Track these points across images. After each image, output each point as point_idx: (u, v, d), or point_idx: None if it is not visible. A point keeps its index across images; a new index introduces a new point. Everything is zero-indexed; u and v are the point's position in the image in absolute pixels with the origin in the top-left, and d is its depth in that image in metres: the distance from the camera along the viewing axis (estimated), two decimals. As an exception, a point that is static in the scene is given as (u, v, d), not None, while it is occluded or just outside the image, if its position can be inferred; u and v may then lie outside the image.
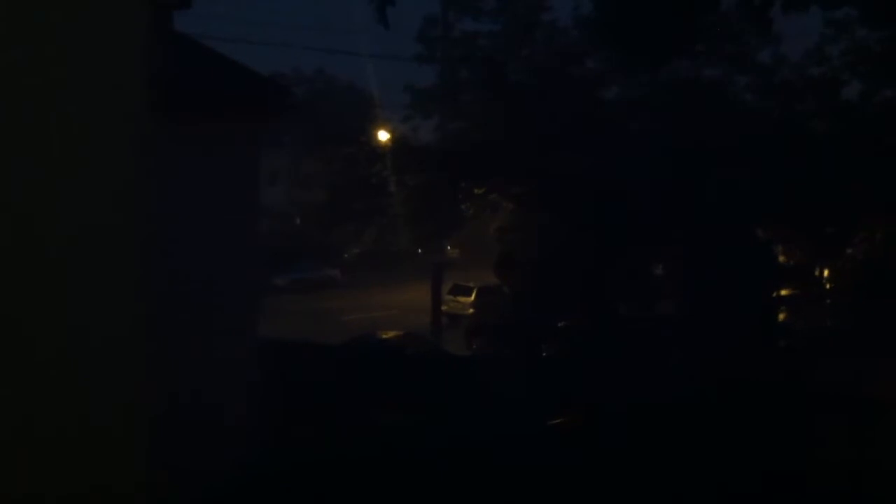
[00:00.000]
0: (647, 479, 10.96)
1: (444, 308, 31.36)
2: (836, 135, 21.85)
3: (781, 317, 24.03)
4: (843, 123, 22.35)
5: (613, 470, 11.18)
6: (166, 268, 8.39)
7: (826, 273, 26.26)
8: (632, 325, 21.06)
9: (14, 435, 3.01)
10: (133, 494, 3.46)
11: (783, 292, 24.36)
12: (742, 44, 23.95)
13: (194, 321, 8.66)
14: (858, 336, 19.48)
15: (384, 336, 22.69)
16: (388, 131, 31.13)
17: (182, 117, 8.95)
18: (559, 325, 21.95)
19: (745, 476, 11.23)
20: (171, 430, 8.06)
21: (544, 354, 21.12)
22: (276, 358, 13.04)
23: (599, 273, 20.17)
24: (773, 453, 11.90)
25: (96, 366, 3.24)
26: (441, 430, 13.51)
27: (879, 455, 11.98)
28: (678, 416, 12.88)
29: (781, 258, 25.09)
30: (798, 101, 23.99)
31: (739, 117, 22.35)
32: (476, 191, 26.73)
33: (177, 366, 8.22)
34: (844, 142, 21.48)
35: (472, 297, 32.91)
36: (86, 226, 3.16)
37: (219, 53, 10.50)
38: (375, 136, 31.13)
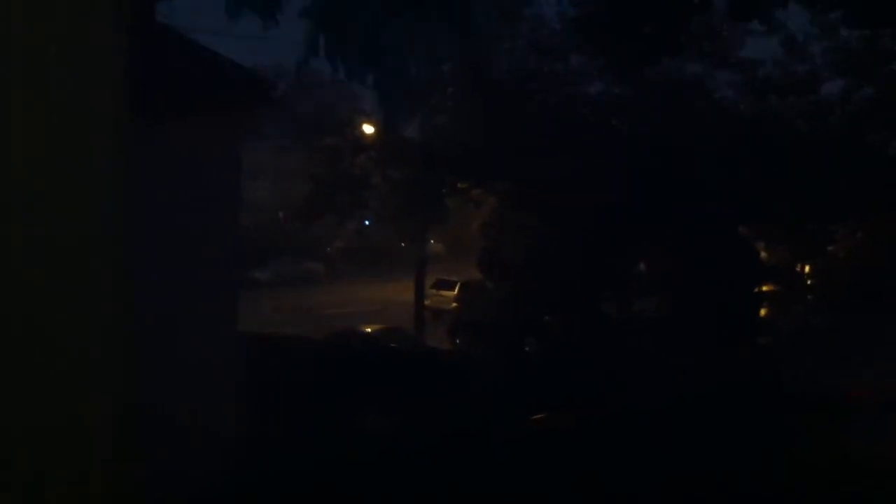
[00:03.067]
0: (626, 476, 10.97)
1: (427, 303, 31.27)
2: (818, 133, 21.94)
3: (763, 313, 24.15)
4: (825, 122, 22.45)
5: (594, 468, 11.18)
6: (145, 266, 8.30)
7: (807, 270, 26.40)
8: (613, 323, 21.09)
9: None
10: (112, 497, 3.41)
11: (765, 289, 24.47)
12: (723, 41, 23.97)
13: (175, 319, 8.57)
14: (838, 334, 19.60)
15: (367, 330, 22.62)
16: (373, 124, 30.94)
17: (162, 110, 8.84)
18: (542, 322, 21.94)
19: (722, 475, 11.26)
20: (152, 433, 7.98)
21: (526, 350, 21.12)
22: (255, 354, 12.93)
23: (581, 271, 20.17)
24: (751, 453, 11.94)
25: (72, 366, 3.19)
26: (422, 426, 13.48)
27: (854, 453, 12.05)
28: (658, 415, 12.89)
29: (763, 255, 25.20)
30: (780, 99, 24.06)
31: (721, 115, 22.39)
32: (460, 185, 26.65)
33: (156, 366, 8.13)
34: (825, 140, 21.58)
35: (455, 292, 32.85)
36: (61, 225, 3.11)
37: (201, 45, 10.37)
38: (359, 128, 30.95)
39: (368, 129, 30.82)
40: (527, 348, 21.25)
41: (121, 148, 3.33)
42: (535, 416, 13.21)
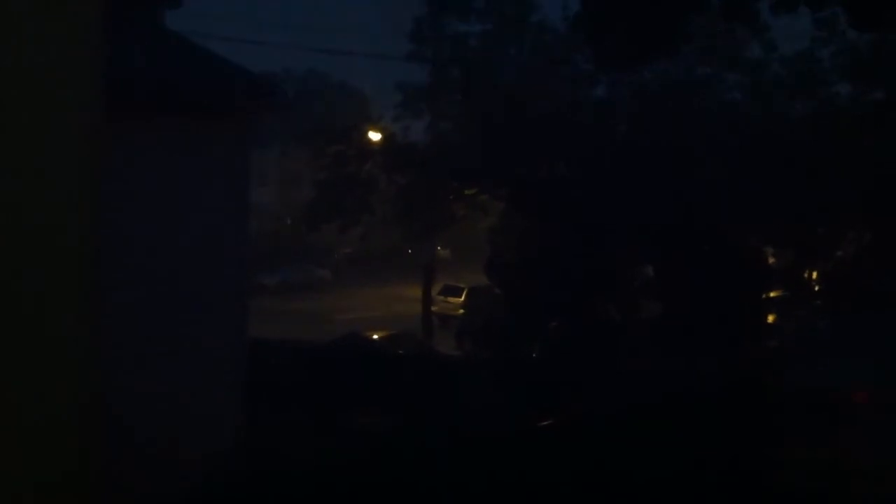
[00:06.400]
0: (629, 477, 10.97)
1: (434, 309, 31.31)
2: (825, 137, 21.91)
3: (770, 318, 24.09)
4: (832, 125, 22.41)
5: (597, 471, 11.18)
6: (153, 268, 8.36)
7: (815, 275, 26.32)
8: (619, 327, 21.07)
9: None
10: (90, 493, 3.42)
11: (773, 294, 24.42)
12: (730, 43, 23.96)
13: (182, 322, 8.62)
14: (844, 338, 19.51)
15: (375, 336, 22.65)
16: (380, 130, 31.04)
17: (172, 116, 8.91)
18: (547, 326, 21.92)
19: (724, 476, 11.25)
20: (153, 431, 8.04)
21: (534, 356, 21.11)
22: (261, 358, 12.96)
23: (586, 275, 20.15)
24: (753, 455, 11.93)
25: (40, 364, 3.19)
26: (426, 432, 13.49)
27: (856, 455, 12.03)
28: (660, 418, 12.86)
29: (771, 260, 25.14)
30: (787, 103, 24.05)
31: (728, 118, 22.37)
32: (466, 192, 26.71)
33: (161, 367, 8.19)
34: (833, 144, 21.55)
35: (463, 298, 32.89)
36: (29, 224, 3.11)
37: (210, 51, 10.45)
38: (366, 133, 31.04)
39: (375, 134, 30.94)
40: (534, 354, 21.24)
41: (90, 148, 3.31)
42: (540, 420, 13.21)
